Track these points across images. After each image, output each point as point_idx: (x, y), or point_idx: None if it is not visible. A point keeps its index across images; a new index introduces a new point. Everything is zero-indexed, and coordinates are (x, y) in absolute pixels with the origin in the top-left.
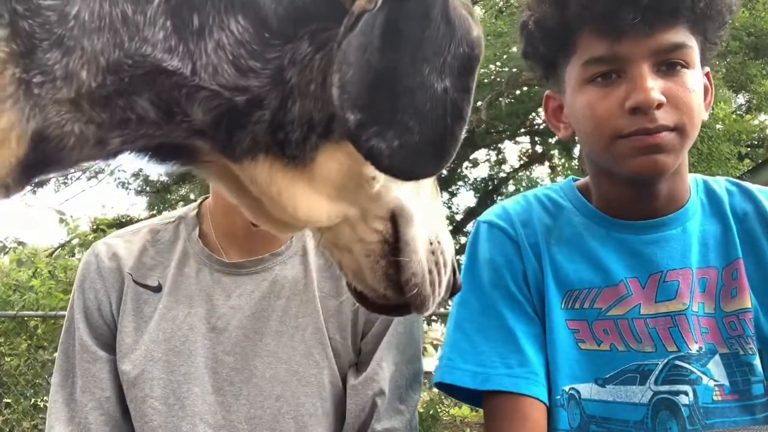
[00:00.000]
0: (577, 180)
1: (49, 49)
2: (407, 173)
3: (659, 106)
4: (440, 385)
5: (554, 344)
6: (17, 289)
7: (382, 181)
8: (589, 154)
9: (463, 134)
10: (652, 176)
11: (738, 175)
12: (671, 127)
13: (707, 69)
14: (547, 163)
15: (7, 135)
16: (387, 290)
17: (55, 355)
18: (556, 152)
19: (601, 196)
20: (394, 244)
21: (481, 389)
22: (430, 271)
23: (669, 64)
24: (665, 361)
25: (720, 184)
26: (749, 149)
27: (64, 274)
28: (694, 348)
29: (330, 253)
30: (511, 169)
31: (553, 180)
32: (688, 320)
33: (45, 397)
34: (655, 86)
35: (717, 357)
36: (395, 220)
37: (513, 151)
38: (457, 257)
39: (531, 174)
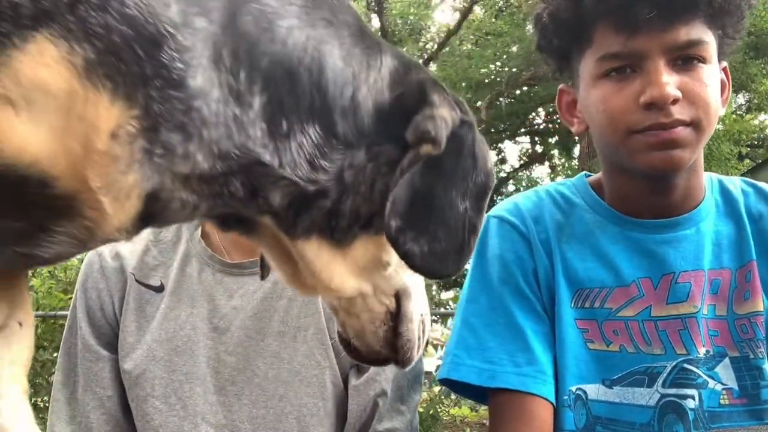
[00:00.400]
0: (589, 176)
1: (173, 131)
2: (432, 273)
3: (675, 101)
4: (445, 382)
5: (563, 343)
6: None
7: (393, 266)
8: (603, 149)
9: (476, 245)
10: (667, 171)
11: (738, 175)
12: (687, 122)
13: (725, 64)
14: (547, 163)
15: (131, 191)
16: (383, 349)
17: (55, 355)
18: (556, 152)
19: (614, 192)
20: (396, 315)
21: (487, 386)
22: (419, 338)
23: (685, 58)
24: (673, 363)
25: (735, 184)
26: (749, 149)
27: (64, 274)
28: (701, 351)
29: (336, 315)
30: (511, 169)
31: (553, 180)
32: (697, 323)
33: (45, 397)
34: (670, 81)
35: (726, 360)
36: (398, 296)
37: (513, 151)
38: None
39: (531, 174)
